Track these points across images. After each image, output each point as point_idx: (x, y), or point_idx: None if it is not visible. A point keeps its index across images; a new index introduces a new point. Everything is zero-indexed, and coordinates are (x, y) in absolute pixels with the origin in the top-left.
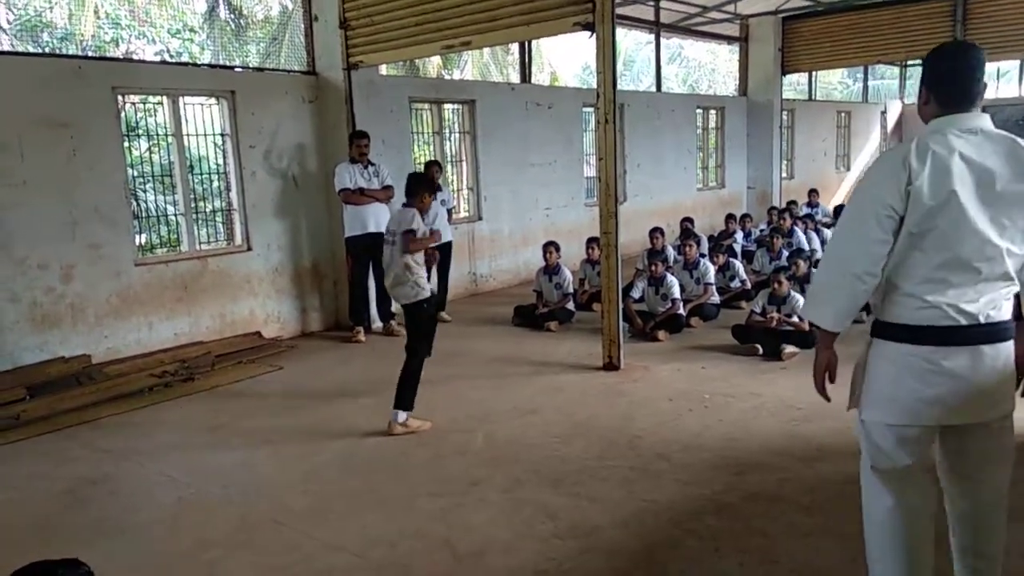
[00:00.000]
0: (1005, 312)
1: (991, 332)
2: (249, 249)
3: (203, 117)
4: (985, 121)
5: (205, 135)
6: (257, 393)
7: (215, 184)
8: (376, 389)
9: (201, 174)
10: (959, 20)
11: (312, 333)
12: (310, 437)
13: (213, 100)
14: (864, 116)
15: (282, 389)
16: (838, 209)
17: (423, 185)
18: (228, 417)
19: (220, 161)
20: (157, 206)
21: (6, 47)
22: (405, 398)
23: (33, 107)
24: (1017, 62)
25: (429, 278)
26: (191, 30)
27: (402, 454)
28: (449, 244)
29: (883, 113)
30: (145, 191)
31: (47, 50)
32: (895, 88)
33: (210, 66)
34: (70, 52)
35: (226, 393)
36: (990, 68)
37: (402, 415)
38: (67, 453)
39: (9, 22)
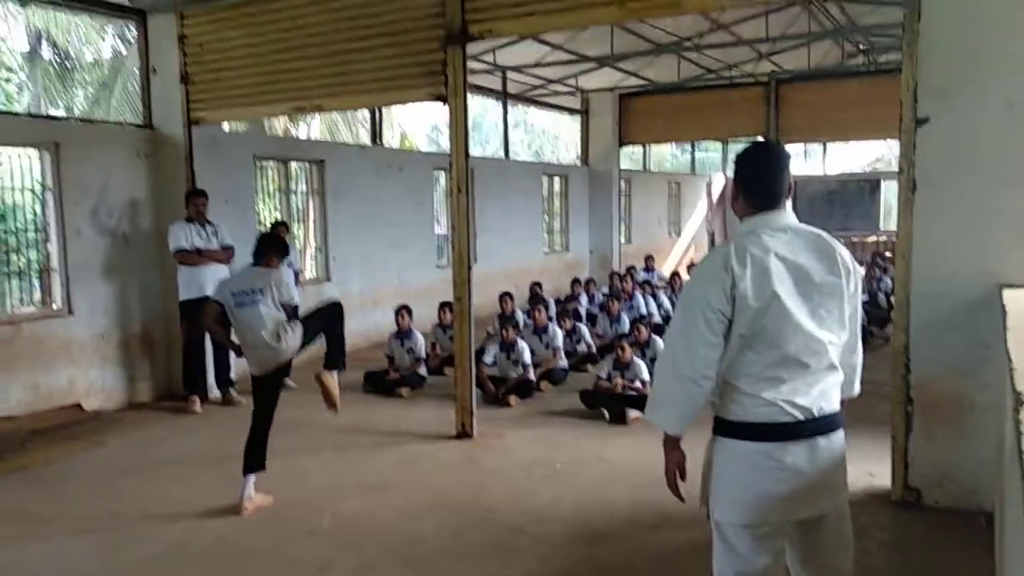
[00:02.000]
0: (835, 402)
1: (824, 423)
2: (70, 313)
3: (19, 165)
4: (792, 218)
5: (23, 190)
6: (76, 474)
7: (30, 235)
8: (214, 465)
9: (16, 226)
10: (772, 105)
11: (141, 404)
12: (139, 524)
13: (33, 151)
14: (692, 186)
15: (106, 468)
16: (673, 275)
17: (274, 247)
18: (40, 503)
19: (38, 212)
20: None
21: None
22: (256, 458)
23: None
24: (820, 145)
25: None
26: (8, 70)
27: (243, 538)
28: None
29: (708, 184)
30: None
31: None
32: (718, 161)
33: (31, 115)
34: None
35: (38, 475)
36: (798, 148)
37: (251, 481)
38: None
39: None
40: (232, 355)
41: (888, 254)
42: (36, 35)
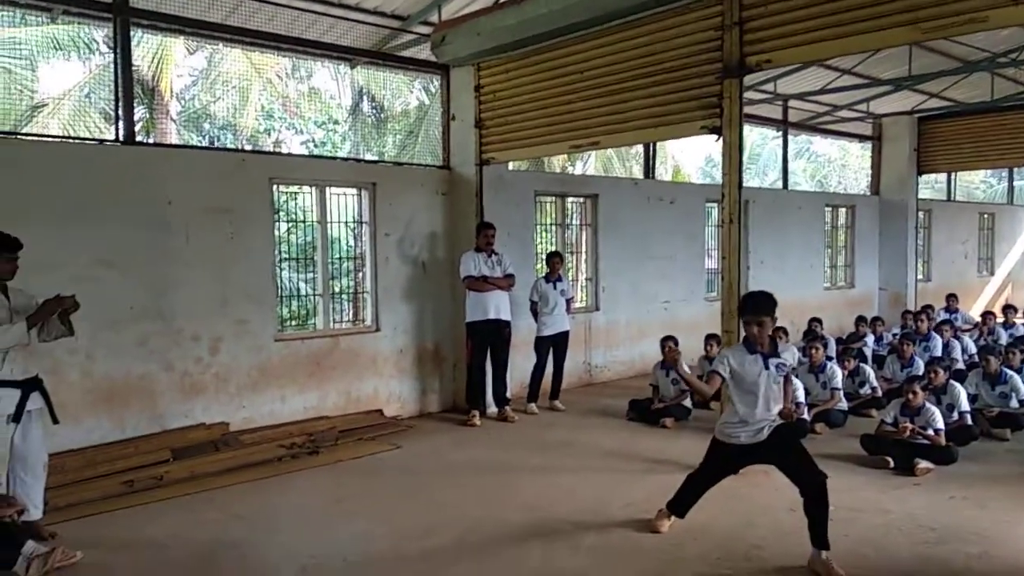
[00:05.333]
0: None
1: None
2: (378, 330)
3: (342, 203)
4: None
5: (344, 222)
6: (377, 470)
7: (345, 266)
8: (488, 473)
9: (335, 257)
10: None
11: (430, 413)
12: (425, 517)
13: (354, 190)
14: (1010, 218)
15: (400, 467)
16: (985, 315)
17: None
18: (349, 491)
19: (352, 244)
20: (293, 285)
21: (173, 136)
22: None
23: (201, 195)
24: None
25: None
26: (335, 122)
27: (511, 543)
28: (566, 333)
29: None
30: (282, 270)
31: (208, 138)
32: None
33: (355, 160)
34: (228, 141)
35: (347, 468)
36: None
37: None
38: (205, 515)
39: (178, 113)
40: (508, 375)
41: None
42: (359, 91)
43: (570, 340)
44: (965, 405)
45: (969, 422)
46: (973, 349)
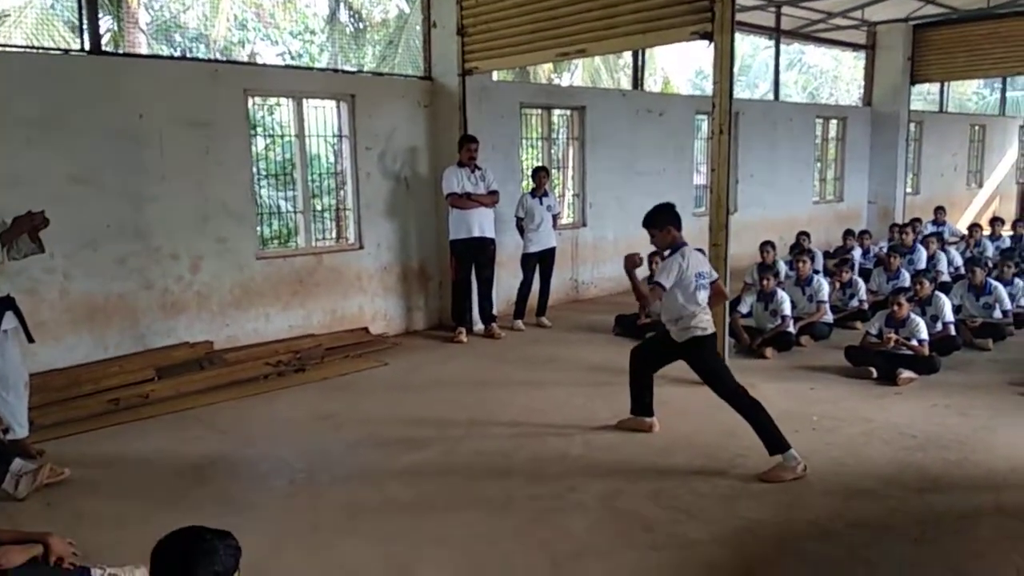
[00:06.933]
0: None
1: None
2: (361, 247)
3: (321, 118)
4: None
5: (323, 136)
6: (364, 386)
7: (326, 183)
8: (474, 388)
9: (315, 173)
10: None
11: (416, 331)
12: (414, 431)
13: (333, 102)
14: (1001, 130)
15: (387, 384)
16: (972, 227)
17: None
18: (337, 407)
19: (332, 161)
20: (273, 202)
21: (144, 48)
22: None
23: (173, 107)
24: None
25: None
26: (311, 32)
27: (501, 453)
28: (553, 250)
29: (1022, 127)
30: (262, 187)
31: (180, 50)
32: None
33: (333, 70)
34: (200, 52)
35: (334, 385)
36: None
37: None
38: (191, 432)
39: (147, 24)
40: (495, 292)
41: None
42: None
43: (557, 256)
44: (949, 316)
45: (953, 332)
46: (959, 261)
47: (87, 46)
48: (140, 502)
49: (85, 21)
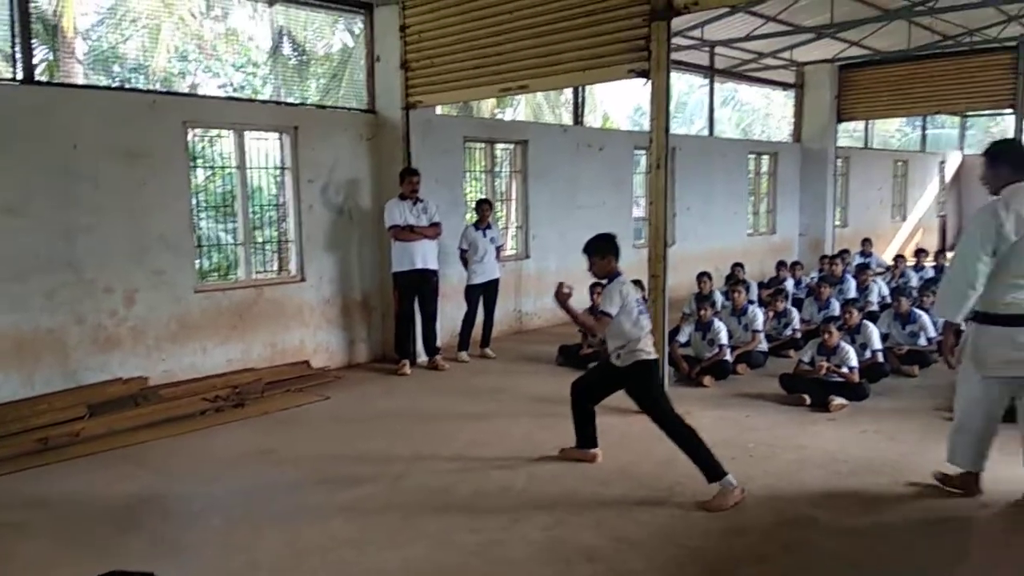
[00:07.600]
0: None
1: None
2: (303, 280)
3: (263, 150)
4: None
5: (266, 168)
6: (305, 421)
7: (268, 215)
8: (419, 422)
9: (256, 205)
10: (1021, 73)
11: (359, 364)
12: (357, 466)
13: (276, 134)
14: (922, 165)
15: (329, 418)
16: (896, 259)
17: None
18: (276, 443)
19: (275, 192)
20: (213, 234)
21: (80, 79)
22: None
23: (109, 139)
24: None
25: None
26: (254, 64)
27: (443, 487)
28: (497, 281)
29: (942, 163)
30: (202, 219)
31: (118, 81)
32: (955, 138)
33: (275, 102)
34: (140, 84)
35: (275, 420)
36: None
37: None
38: (122, 471)
39: (84, 54)
40: (439, 324)
41: None
42: (279, 32)
43: (500, 288)
44: (877, 344)
45: (881, 360)
46: (886, 291)
47: (20, 75)
48: (70, 545)
49: (19, 50)
